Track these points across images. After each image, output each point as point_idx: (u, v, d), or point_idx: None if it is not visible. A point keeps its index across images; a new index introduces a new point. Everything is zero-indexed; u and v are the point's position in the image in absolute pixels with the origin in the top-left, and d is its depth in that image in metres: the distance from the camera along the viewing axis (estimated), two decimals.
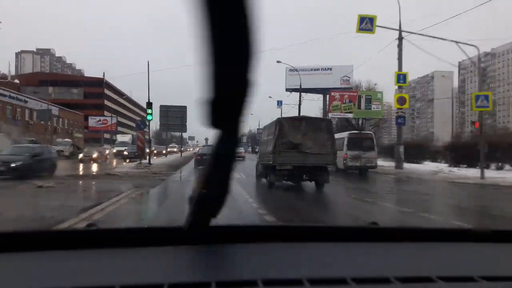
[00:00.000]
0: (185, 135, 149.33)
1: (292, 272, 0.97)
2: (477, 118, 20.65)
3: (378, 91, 36.04)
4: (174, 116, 31.55)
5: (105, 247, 1.13)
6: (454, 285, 0.93)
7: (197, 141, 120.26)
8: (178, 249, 1.14)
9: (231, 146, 0.93)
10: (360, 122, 35.83)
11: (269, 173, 12.57)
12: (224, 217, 1.16)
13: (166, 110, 31.61)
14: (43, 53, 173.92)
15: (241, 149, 49.07)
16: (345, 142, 20.66)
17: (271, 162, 12.05)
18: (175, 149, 54.14)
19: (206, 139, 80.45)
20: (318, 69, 49.87)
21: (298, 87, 50.57)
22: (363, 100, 32.17)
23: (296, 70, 50.89)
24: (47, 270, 1.00)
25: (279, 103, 52.48)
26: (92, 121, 60.56)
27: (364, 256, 1.16)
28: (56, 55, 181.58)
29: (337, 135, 16.83)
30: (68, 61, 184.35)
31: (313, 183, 12.65)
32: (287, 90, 50.55)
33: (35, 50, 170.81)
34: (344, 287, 0.88)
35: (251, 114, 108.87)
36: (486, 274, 0.96)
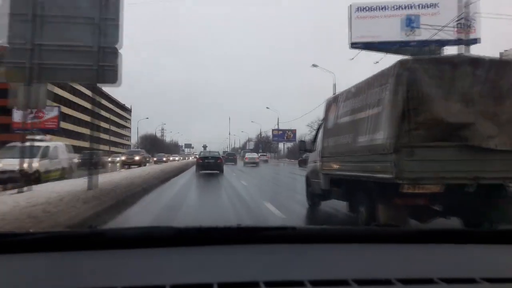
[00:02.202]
0: (181, 141, 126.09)
1: (294, 274, 0.97)
2: None
3: None
4: (64, 31, 7.86)
5: (106, 249, 1.14)
6: (455, 287, 0.93)
7: (193, 147, 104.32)
8: (179, 250, 1.15)
9: None
10: None
11: (376, 203, 5.05)
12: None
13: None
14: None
15: (254, 155, 45.00)
16: None
17: (388, 175, 4.51)
18: (75, 160, 19.12)
19: (205, 146, 70.01)
20: (410, 6, 26.67)
21: (373, 39, 27.48)
22: None
23: (371, 8, 27.76)
24: (49, 272, 1.01)
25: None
26: (18, 115, 36.83)
27: (366, 257, 1.15)
28: None
29: None
30: None
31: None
32: (353, 46, 27.26)
33: None
34: None
35: (267, 107, 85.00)
36: (488, 276, 0.96)
